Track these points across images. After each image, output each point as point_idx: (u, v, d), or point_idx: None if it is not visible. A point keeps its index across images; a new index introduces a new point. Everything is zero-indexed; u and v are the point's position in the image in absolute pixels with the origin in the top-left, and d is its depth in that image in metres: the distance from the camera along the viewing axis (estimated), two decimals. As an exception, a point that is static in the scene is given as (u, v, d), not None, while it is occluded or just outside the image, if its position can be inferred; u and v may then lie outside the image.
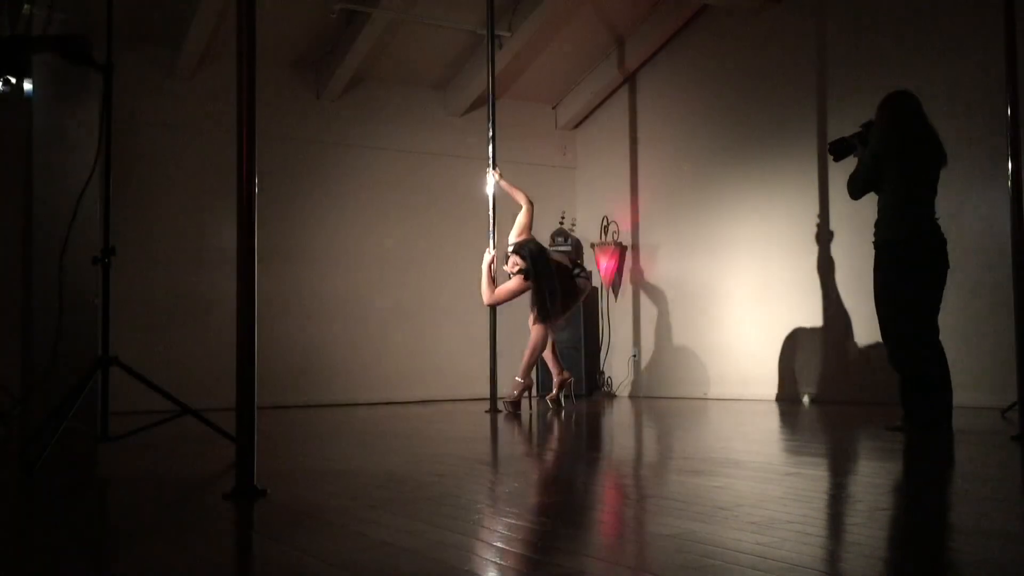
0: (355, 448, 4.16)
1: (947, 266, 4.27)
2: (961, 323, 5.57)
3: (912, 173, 4.29)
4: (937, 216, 4.32)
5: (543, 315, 6.02)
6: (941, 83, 5.94)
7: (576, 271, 6.29)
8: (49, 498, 2.77)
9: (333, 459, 3.69)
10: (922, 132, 4.32)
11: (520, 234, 6.15)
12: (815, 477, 3.05)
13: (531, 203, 6.22)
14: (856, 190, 4.51)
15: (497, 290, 6.08)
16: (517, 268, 6.03)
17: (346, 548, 1.89)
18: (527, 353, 6.16)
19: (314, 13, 7.08)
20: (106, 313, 3.74)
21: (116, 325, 3.79)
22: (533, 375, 6.43)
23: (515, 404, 6.12)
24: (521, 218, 6.19)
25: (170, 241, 7.04)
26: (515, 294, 6.07)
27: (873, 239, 4.39)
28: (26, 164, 4.38)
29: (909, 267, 4.24)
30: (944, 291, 4.26)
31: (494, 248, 6.26)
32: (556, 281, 6.05)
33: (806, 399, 6.65)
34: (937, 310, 4.24)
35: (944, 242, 4.27)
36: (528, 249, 6.01)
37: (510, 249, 6.10)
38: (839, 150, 4.62)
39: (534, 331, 6.14)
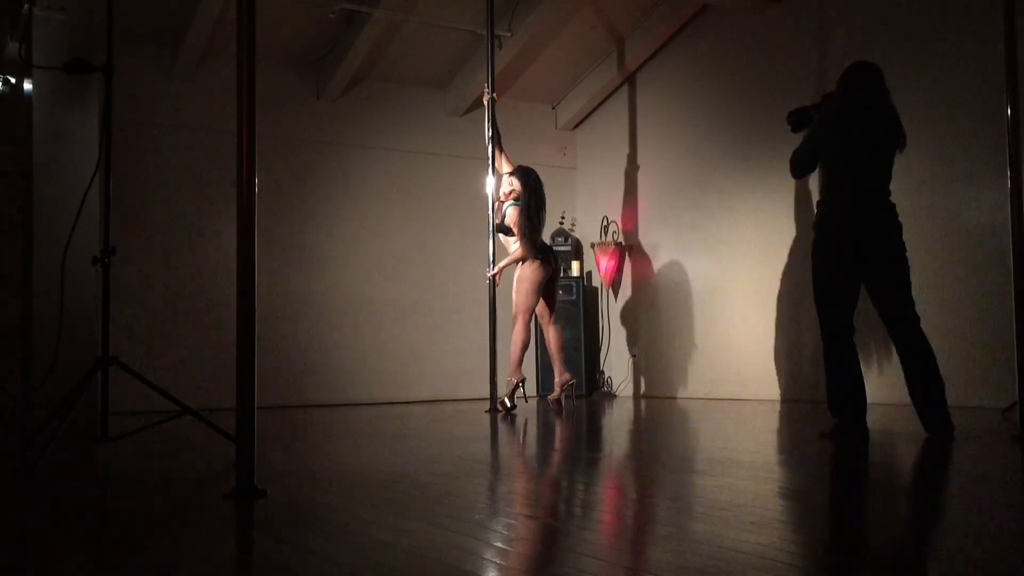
0: (355, 448, 4.16)
1: (894, 254, 3.85)
2: (961, 322, 5.57)
3: (852, 148, 3.87)
4: (891, 199, 3.92)
5: (528, 232, 6.04)
6: (941, 82, 5.95)
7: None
8: (49, 498, 2.77)
9: (333, 459, 3.69)
10: (871, 104, 3.91)
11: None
12: (815, 477, 3.05)
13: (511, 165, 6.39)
14: (796, 167, 4.08)
15: (521, 242, 6.07)
16: (513, 192, 6.12)
17: (346, 548, 1.89)
18: (511, 350, 6.17)
19: (314, 13, 7.08)
20: (106, 313, 3.75)
21: (116, 325, 3.79)
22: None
23: (507, 403, 6.10)
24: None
25: (170, 241, 7.04)
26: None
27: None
28: (26, 164, 4.38)
29: (837, 256, 3.86)
30: (900, 279, 3.85)
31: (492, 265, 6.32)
32: (543, 203, 6.15)
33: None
34: (908, 303, 3.85)
35: (888, 228, 3.86)
36: (525, 172, 6.15)
37: (507, 171, 6.27)
38: (797, 120, 4.19)
39: (516, 327, 6.16)
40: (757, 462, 3.39)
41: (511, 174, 6.20)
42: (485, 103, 6.38)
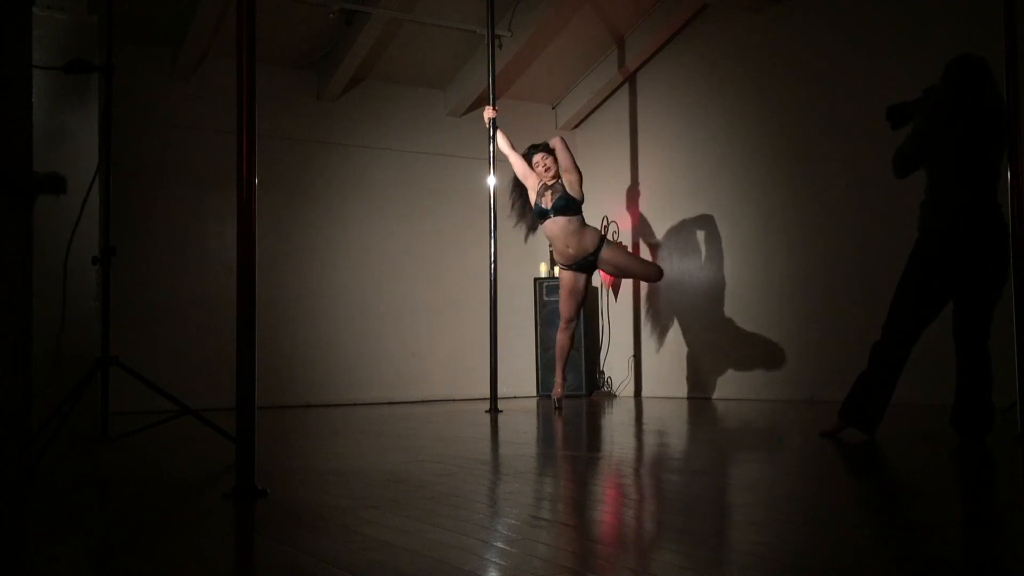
0: (355, 448, 4.16)
1: (990, 272, 3.72)
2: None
3: (958, 148, 3.73)
4: (997, 200, 3.75)
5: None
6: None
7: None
8: (49, 498, 2.77)
9: (333, 459, 3.69)
10: (979, 102, 3.75)
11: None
12: (815, 477, 3.05)
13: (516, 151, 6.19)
14: (899, 166, 3.90)
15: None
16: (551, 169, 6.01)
17: (346, 548, 1.89)
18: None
19: (314, 13, 7.08)
20: (106, 313, 3.75)
21: (116, 325, 3.79)
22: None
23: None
24: (515, 164, 6.13)
25: (170, 241, 7.04)
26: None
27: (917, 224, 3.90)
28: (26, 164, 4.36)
29: (932, 270, 3.77)
30: (997, 292, 3.74)
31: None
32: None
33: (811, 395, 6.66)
34: (983, 315, 3.78)
35: (992, 239, 3.71)
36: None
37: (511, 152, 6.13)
38: (897, 117, 4.00)
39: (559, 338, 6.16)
40: (757, 462, 3.39)
41: (538, 150, 6.02)
42: (487, 121, 6.30)
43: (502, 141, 6.21)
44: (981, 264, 3.73)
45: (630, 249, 8.32)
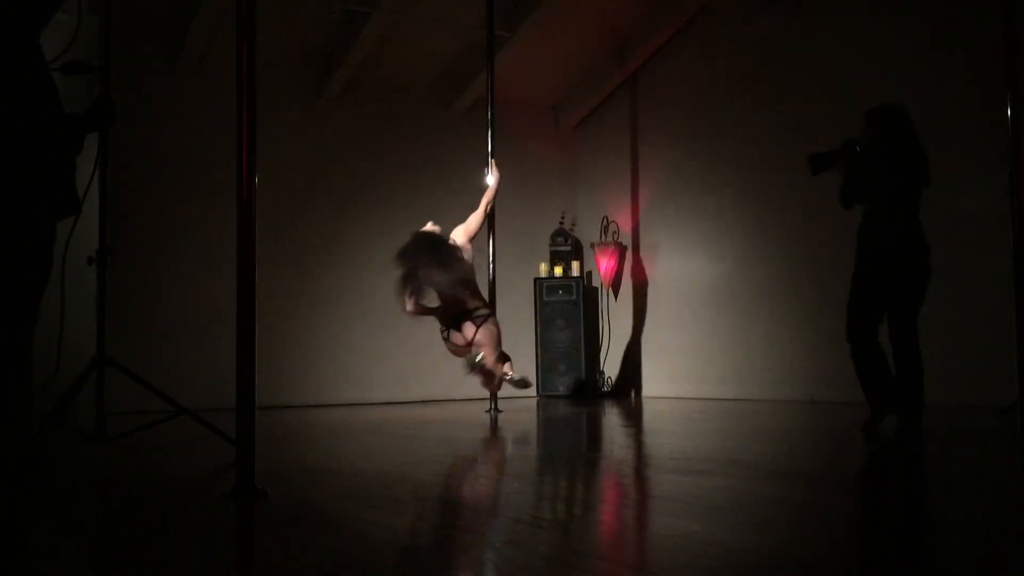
0: (355, 448, 4.16)
1: (910, 284, 4.24)
2: (960, 321, 5.56)
3: (882, 187, 4.33)
4: (919, 230, 4.28)
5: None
6: (940, 82, 5.94)
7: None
8: (49, 498, 2.76)
9: (333, 459, 3.69)
10: (900, 148, 4.34)
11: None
12: (815, 477, 3.05)
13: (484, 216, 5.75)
14: (843, 200, 4.54)
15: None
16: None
17: (346, 548, 1.89)
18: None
19: (314, 13, 7.08)
20: (101, 313, 3.74)
21: (116, 325, 3.79)
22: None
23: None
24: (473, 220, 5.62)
25: (170, 241, 7.03)
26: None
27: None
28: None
29: (863, 283, 4.39)
30: (917, 300, 4.23)
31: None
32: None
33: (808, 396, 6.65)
34: (905, 316, 4.23)
35: (910, 261, 4.26)
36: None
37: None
38: (818, 164, 4.60)
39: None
40: (758, 462, 3.39)
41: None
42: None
43: (488, 196, 5.82)
44: (903, 279, 4.25)
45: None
